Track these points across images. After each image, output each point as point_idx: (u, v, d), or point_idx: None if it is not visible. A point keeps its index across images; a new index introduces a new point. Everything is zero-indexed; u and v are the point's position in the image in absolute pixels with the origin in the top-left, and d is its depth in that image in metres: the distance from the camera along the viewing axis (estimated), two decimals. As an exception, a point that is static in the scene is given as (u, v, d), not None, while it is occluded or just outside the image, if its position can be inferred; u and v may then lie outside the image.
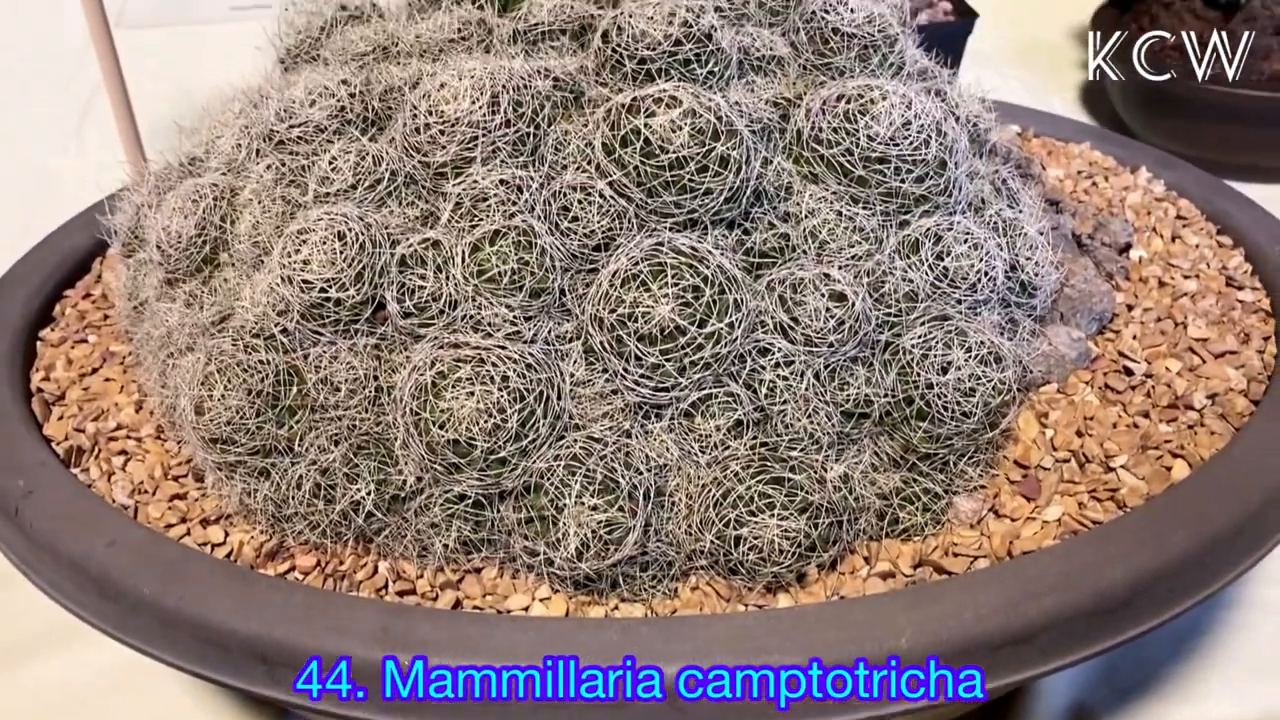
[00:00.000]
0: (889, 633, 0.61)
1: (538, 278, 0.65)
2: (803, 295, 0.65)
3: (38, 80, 2.10)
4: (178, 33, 2.28)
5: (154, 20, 2.30)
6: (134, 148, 1.35)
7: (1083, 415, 0.76)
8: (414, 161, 0.69)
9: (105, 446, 0.76)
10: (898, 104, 0.71)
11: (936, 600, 0.63)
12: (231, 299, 0.70)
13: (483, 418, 0.62)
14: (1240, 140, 1.63)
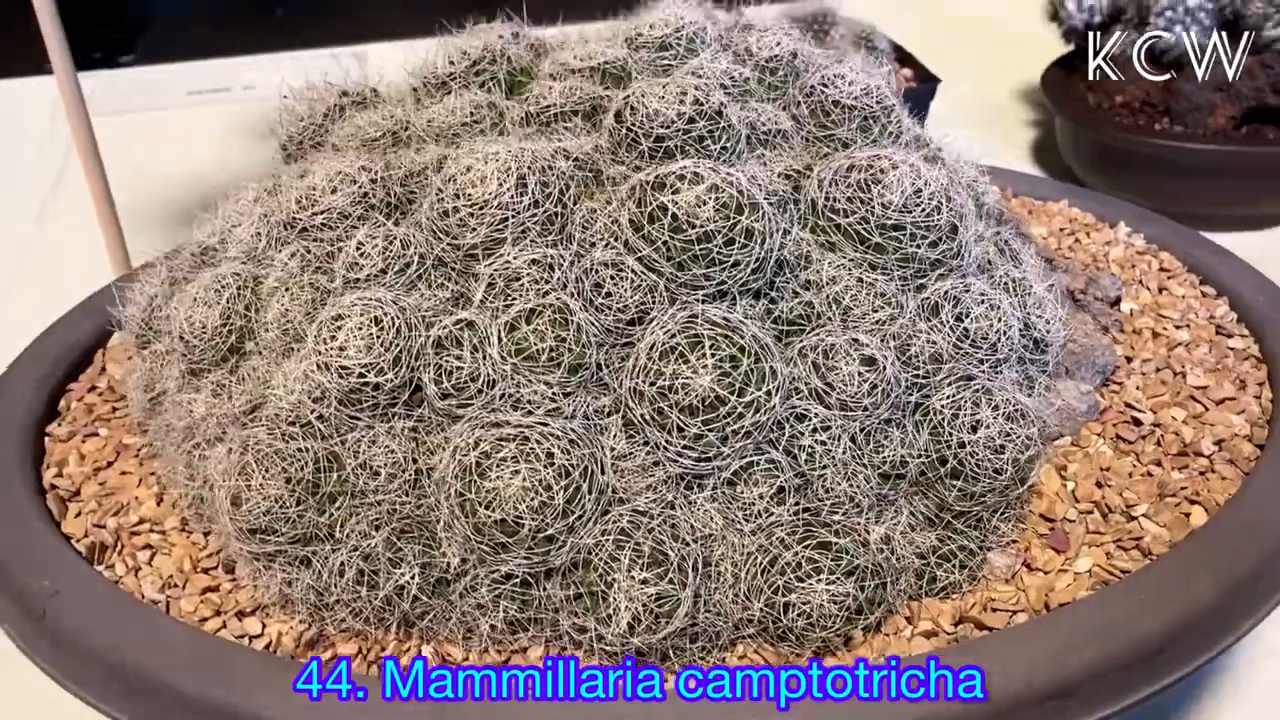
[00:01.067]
0: (941, 692, 0.61)
1: (575, 353, 0.66)
2: (835, 361, 0.67)
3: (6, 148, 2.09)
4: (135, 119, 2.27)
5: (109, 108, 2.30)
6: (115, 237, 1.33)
7: (1099, 466, 0.77)
8: (443, 244, 0.69)
9: (129, 541, 0.75)
10: (907, 173, 0.73)
11: (982, 657, 0.63)
12: (262, 387, 0.70)
13: (529, 495, 0.62)
14: (1189, 192, 1.69)
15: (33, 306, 1.60)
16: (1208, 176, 1.66)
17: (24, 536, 0.74)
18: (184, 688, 0.63)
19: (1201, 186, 1.68)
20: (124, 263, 1.35)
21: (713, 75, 0.82)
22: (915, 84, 1.57)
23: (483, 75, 0.84)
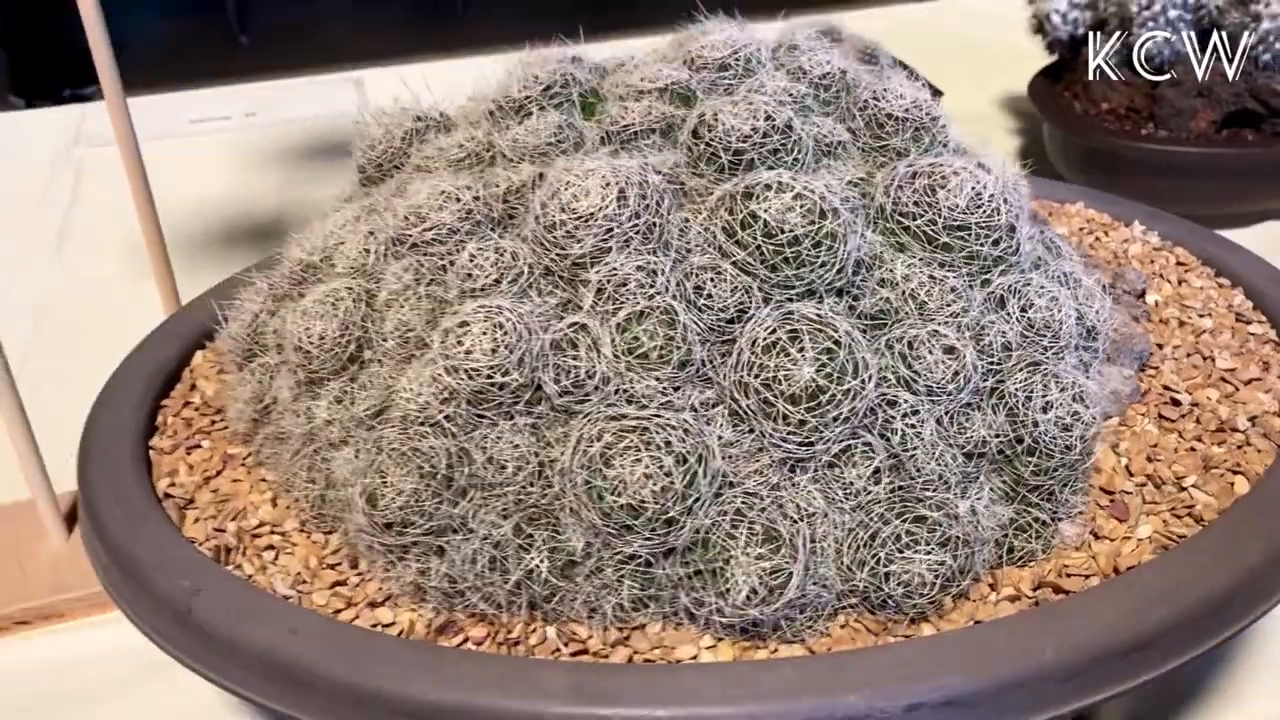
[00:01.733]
0: (1035, 648, 0.67)
1: (682, 351, 0.71)
2: (919, 350, 0.73)
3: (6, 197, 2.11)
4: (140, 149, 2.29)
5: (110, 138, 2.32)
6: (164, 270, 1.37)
7: (1148, 443, 0.84)
8: (551, 255, 0.75)
9: (251, 544, 0.79)
10: (968, 178, 0.80)
11: (1069, 617, 0.70)
12: (385, 392, 0.75)
13: (651, 481, 0.67)
14: (1174, 192, 1.78)
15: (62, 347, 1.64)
16: (1191, 177, 1.75)
17: (154, 540, 0.78)
18: (334, 675, 0.68)
19: (1185, 187, 1.77)
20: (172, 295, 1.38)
21: (775, 93, 0.88)
22: (918, 96, 1.64)
23: (557, 98, 0.90)
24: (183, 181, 2.20)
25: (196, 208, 2.04)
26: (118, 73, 1.27)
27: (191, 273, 1.87)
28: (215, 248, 1.93)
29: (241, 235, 1.97)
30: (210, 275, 1.83)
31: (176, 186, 2.17)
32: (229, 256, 1.89)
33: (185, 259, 1.92)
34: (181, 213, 2.05)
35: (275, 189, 2.09)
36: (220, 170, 2.18)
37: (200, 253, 1.91)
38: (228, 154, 2.25)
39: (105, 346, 1.60)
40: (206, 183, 2.13)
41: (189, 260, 1.90)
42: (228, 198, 2.11)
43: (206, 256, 1.89)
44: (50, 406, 1.14)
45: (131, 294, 1.74)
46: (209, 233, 1.98)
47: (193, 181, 2.14)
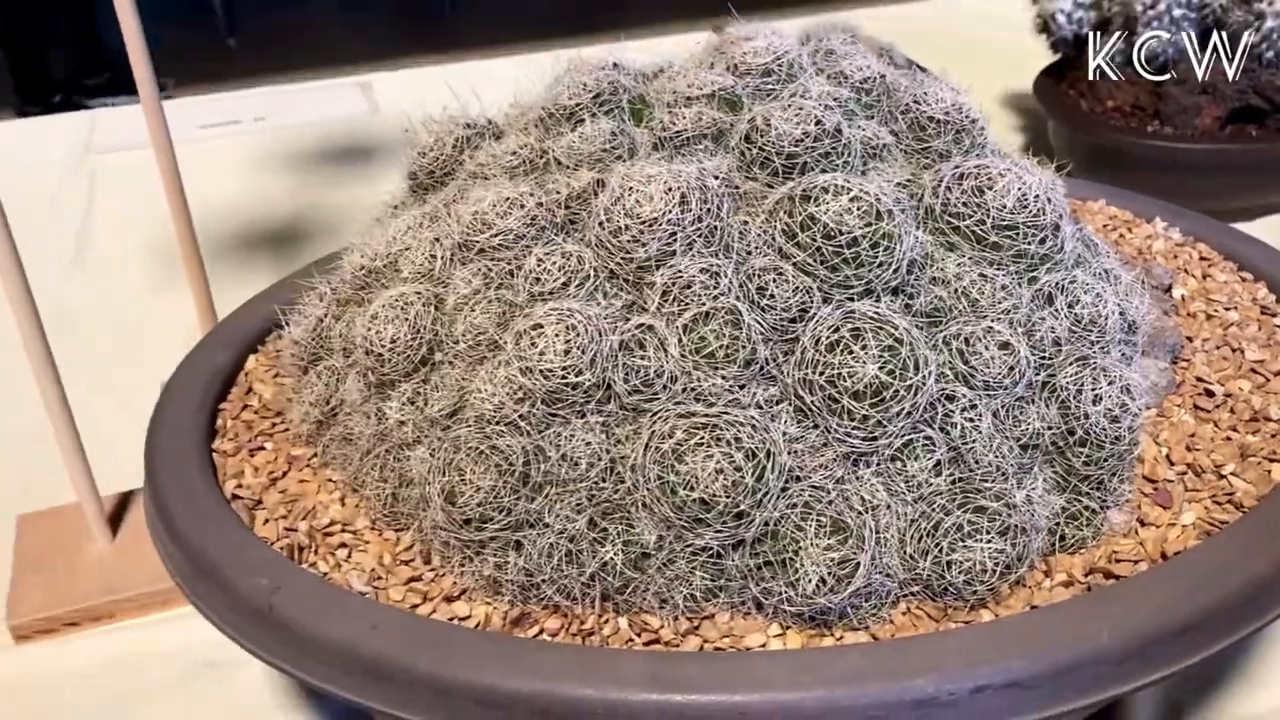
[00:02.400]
0: (1092, 631, 0.70)
1: (747, 350, 0.74)
2: (975, 347, 0.76)
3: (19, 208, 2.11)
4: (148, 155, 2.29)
5: (121, 144, 2.33)
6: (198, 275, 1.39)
7: (1186, 433, 0.87)
8: (616, 259, 0.77)
9: (323, 542, 0.81)
10: (1014, 179, 0.82)
11: (1121, 601, 0.72)
12: (458, 393, 0.77)
13: (722, 477, 0.70)
14: (1180, 188, 1.81)
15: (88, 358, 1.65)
16: (1196, 174, 1.79)
17: (229, 540, 0.80)
18: (416, 668, 0.70)
19: (1190, 183, 1.81)
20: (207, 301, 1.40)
21: (819, 97, 0.91)
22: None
23: (606, 105, 0.92)
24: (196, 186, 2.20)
25: (212, 213, 2.05)
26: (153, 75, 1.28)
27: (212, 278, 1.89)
28: (234, 253, 1.95)
29: (259, 240, 1.99)
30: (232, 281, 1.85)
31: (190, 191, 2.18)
32: (248, 261, 1.91)
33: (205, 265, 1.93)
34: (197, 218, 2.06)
35: (290, 193, 2.11)
36: (234, 175, 2.19)
37: (220, 258, 1.93)
38: (240, 159, 2.26)
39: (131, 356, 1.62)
40: (220, 187, 2.14)
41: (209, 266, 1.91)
42: (243, 203, 2.12)
43: (226, 262, 1.91)
44: (80, 415, 1.16)
45: (154, 302, 1.76)
46: (225, 238, 1.99)
47: (206, 186, 2.14)
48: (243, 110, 2.42)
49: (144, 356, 1.39)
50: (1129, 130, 1.83)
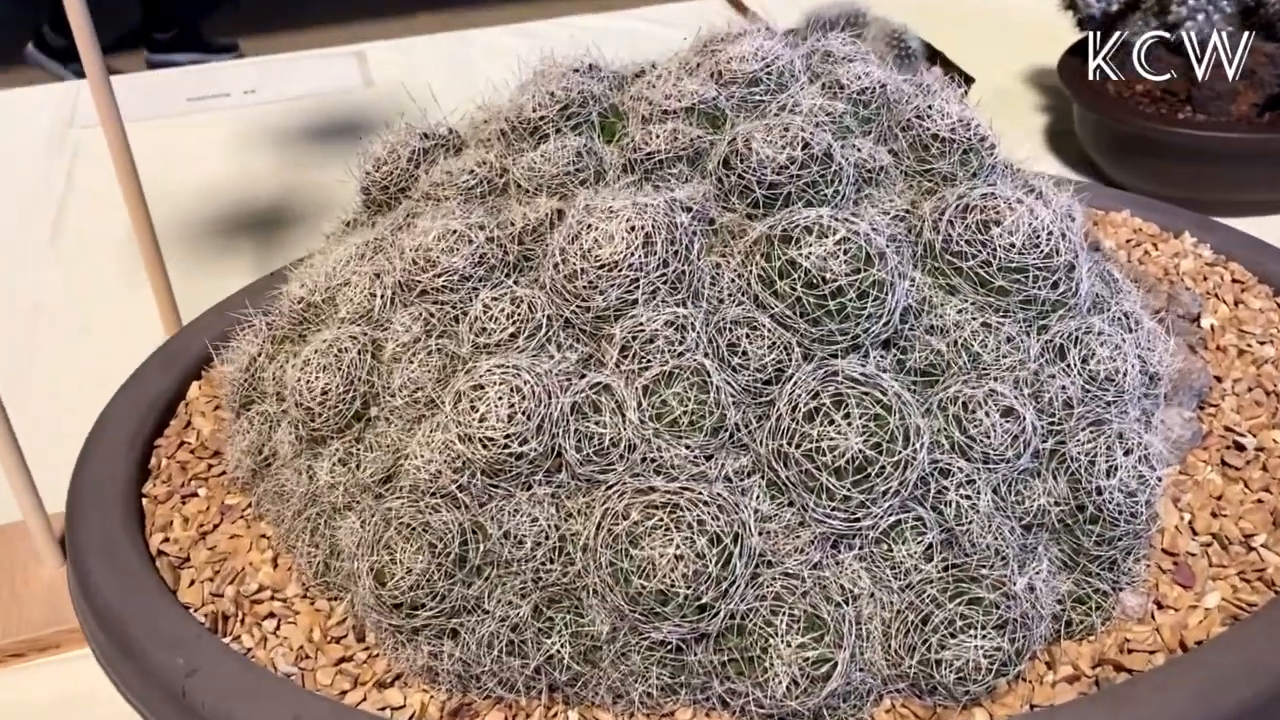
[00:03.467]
0: (1100, 742, 0.62)
1: (715, 416, 0.66)
2: (975, 413, 0.67)
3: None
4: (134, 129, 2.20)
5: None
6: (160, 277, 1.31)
7: (1211, 495, 0.78)
8: (571, 306, 0.69)
9: (250, 611, 0.74)
10: (1024, 213, 0.73)
11: (1132, 703, 0.64)
12: (393, 455, 0.69)
13: (683, 564, 0.62)
14: (1213, 179, 1.71)
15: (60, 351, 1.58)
16: (1232, 163, 1.68)
17: (148, 609, 0.73)
18: (341, 767, 0.63)
19: (1225, 173, 1.70)
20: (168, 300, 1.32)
21: (811, 111, 0.81)
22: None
23: (574, 119, 0.83)
24: (180, 166, 2.14)
25: (195, 194, 1.97)
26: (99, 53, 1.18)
27: (191, 264, 1.81)
28: (214, 238, 1.87)
29: (242, 224, 1.90)
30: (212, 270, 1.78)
31: (174, 171, 2.10)
32: (228, 248, 1.83)
33: (185, 250, 1.85)
34: (180, 200, 1.98)
35: (275, 172, 2.02)
36: (219, 153, 2.10)
37: (200, 243, 1.85)
38: (227, 135, 2.17)
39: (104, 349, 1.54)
40: (205, 167, 2.06)
41: (189, 251, 1.84)
42: (227, 183, 2.03)
43: (206, 248, 1.82)
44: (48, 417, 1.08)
45: (129, 291, 1.68)
46: (206, 222, 1.91)
47: (191, 165, 2.07)
48: (232, 82, 2.33)
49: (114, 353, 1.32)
50: (1159, 117, 1.72)
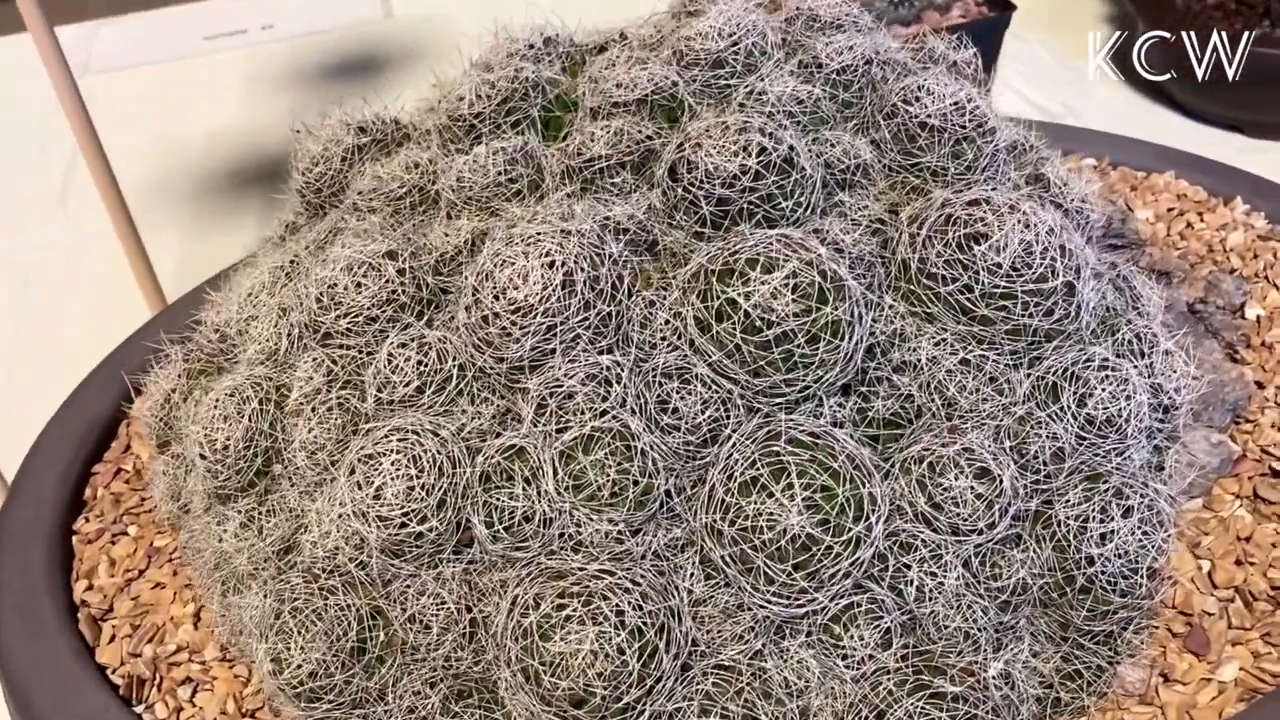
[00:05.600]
0: None
1: (641, 486, 0.58)
2: (943, 477, 0.58)
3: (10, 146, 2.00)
4: (149, 73, 2.16)
5: (123, 61, 2.19)
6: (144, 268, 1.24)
7: (1238, 536, 0.69)
8: (484, 356, 0.61)
9: (167, 675, 0.69)
10: (1015, 225, 0.63)
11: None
12: (294, 522, 0.63)
13: (599, 662, 0.55)
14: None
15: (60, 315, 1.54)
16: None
17: (59, 678, 0.68)
18: None
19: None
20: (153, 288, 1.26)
21: (780, 100, 0.71)
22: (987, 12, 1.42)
23: (515, 114, 0.74)
24: (194, 110, 2.07)
25: (207, 142, 1.91)
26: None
27: (197, 222, 1.76)
28: (224, 191, 1.80)
29: (251, 175, 1.84)
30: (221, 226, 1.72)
31: (188, 117, 2.04)
32: (239, 200, 1.77)
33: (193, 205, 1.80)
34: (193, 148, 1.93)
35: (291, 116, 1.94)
36: (234, 96, 2.03)
37: (209, 196, 1.79)
38: (242, 75, 2.09)
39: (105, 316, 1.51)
40: (219, 111, 1.99)
41: (197, 206, 1.78)
42: (240, 128, 1.96)
43: (215, 200, 1.76)
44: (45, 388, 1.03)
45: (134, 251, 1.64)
46: (216, 174, 1.84)
47: (205, 110, 2.00)
48: (250, 18, 2.25)
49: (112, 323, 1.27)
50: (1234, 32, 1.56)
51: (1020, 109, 1.81)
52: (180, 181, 1.85)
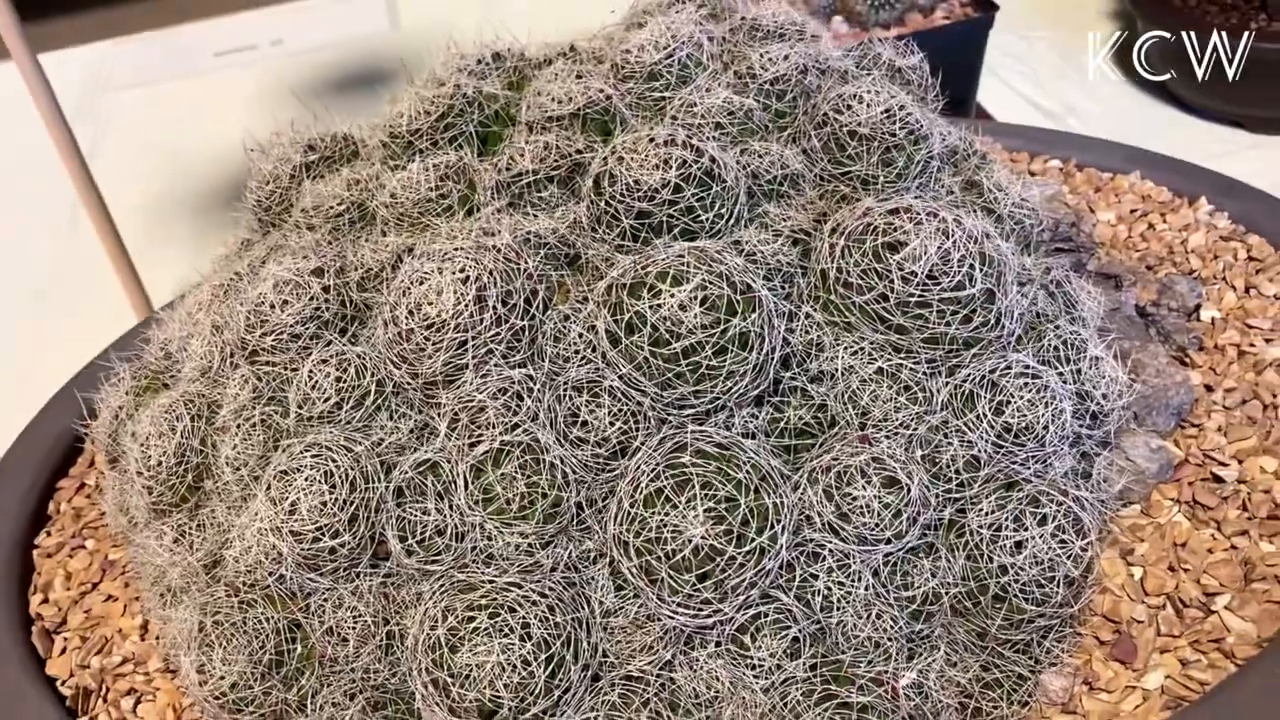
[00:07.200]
0: None
1: (550, 499, 0.58)
2: (851, 486, 0.58)
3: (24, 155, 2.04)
4: (163, 90, 2.20)
5: (138, 79, 2.23)
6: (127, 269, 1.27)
7: (1173, 542, 0.68)
8: (401, 371, 0.62)
9: (113, 686, 0.70)
10: (932, 232, 0.63)
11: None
12: (221, 537, 0.64)
13: (506, 673, 0.55)
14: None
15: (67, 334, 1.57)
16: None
17: (7, 692, 0.70)
18: None
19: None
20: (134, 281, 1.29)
21: (707, 113, 0.72)
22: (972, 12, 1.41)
23: (451, 130, 0.75)
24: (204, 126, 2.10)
25: (217, 157, 1.94)
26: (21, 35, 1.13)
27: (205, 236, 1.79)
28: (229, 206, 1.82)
29: (255, 190, 1.86)
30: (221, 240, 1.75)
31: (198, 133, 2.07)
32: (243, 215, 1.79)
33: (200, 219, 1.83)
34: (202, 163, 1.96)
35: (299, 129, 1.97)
36: (243, 111, 2.06)
37: (215, 211, 1.82)
38: (252, 91, 2.12)
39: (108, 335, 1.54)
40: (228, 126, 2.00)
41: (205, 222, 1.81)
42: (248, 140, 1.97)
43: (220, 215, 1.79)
44: None
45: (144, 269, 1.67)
46: (221, 189, 1.87)
47: (214, 126, 2.03)
48: (259, 33, 2.28)
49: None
50: (1230, 28, 1.54)
51: (1020, 107, 1.80)
52: (186, 198, 1.88)
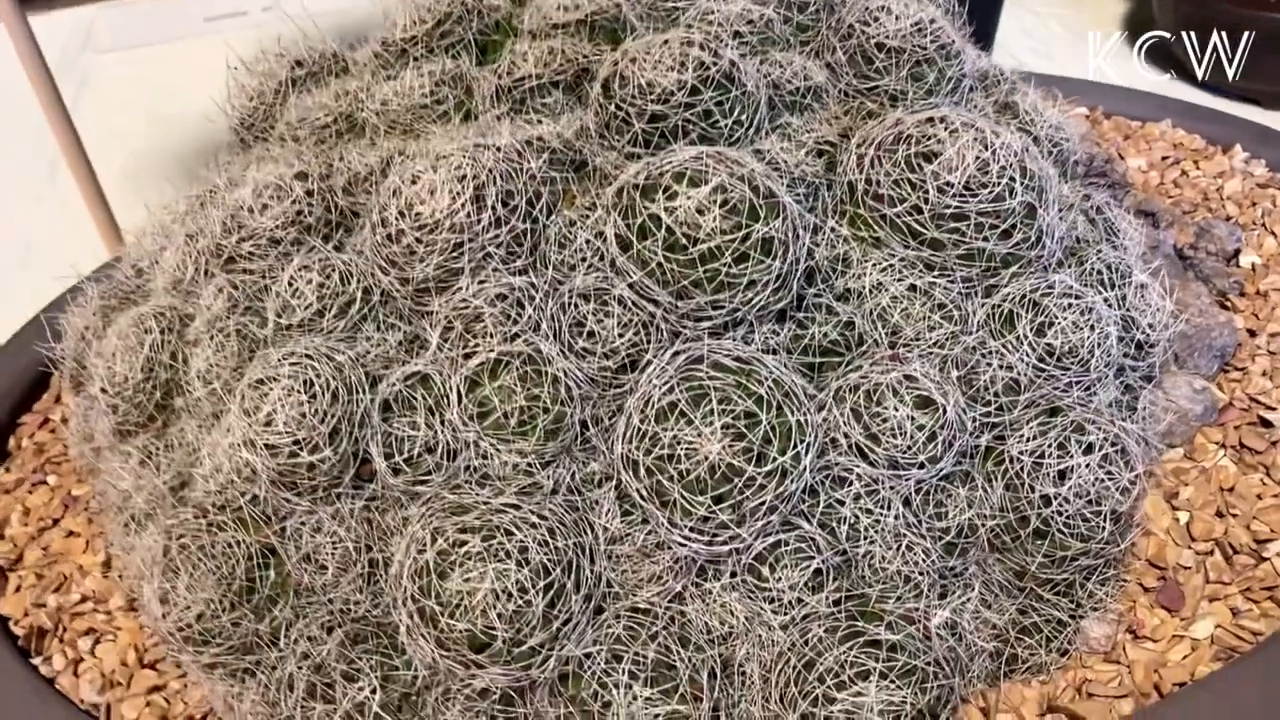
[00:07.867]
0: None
1: (552, 414, 0.53)
2: (881, 405, 0.53)
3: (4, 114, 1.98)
4: (149, 54, 2.14)
5: (123, 41, 2.17)
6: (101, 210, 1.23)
7: (1220, 487, 0.63)
8: (390, 276, 0.56)
9: (70, 625, 0.65)
10: (970, 142, 0.58)
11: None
12: (191, 457, 0.59)
13: (500, 602, 0.50)
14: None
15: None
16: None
17: (-48, 626, 0.64)
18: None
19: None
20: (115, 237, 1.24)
21: (725, 22, 0.67)
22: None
23: (449, 38, 0.70)
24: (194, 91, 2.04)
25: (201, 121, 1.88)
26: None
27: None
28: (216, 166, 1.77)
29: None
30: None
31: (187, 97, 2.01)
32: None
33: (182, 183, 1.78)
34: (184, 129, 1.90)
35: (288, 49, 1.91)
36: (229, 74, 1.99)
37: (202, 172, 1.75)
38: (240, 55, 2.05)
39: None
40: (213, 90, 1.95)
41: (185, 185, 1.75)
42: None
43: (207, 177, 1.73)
44: None
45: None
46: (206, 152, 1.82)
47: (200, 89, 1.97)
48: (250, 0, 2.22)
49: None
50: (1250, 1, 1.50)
51: (1031, 83, 1.76)
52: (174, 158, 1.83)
